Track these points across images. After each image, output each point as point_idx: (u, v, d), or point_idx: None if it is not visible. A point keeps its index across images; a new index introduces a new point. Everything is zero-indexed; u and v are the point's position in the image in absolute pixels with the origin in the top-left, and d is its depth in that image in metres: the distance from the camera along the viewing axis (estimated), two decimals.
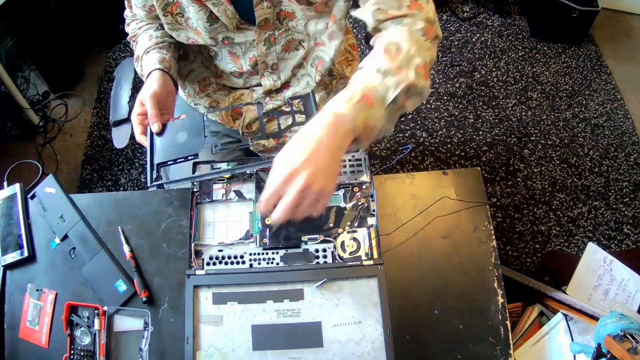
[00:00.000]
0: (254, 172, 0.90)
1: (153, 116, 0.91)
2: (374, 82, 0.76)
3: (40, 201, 0.95)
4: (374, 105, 0.75)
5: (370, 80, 0.76)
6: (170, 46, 1.03)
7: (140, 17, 1.03)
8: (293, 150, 0.71)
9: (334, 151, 0.71)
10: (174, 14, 0.92)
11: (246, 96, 1.13)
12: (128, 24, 1.10)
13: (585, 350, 0.84)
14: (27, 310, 0.88)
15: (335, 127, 0.72)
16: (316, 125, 0.72)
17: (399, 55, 0.78)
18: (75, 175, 2.09)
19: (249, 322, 0.82)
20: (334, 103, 0.74)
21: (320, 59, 1.06)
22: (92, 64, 2.39)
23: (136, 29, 1.07)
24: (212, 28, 0.93)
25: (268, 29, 0.96)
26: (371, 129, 0.75)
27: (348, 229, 0.87)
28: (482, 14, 2.47)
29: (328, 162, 0.71)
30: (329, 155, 0.71)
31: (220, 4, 0.87)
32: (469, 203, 0.91)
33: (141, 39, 1.04)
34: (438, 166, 2.02)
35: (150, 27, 1.05)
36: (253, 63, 1.03)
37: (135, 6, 0.99)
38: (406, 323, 0.83)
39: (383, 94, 0.76)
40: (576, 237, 1.86)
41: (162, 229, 0.91)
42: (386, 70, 0.77)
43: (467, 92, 2.22)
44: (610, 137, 2.09)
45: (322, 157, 0.70)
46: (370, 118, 0.74)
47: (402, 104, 0.79)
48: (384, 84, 0.76)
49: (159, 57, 0.99)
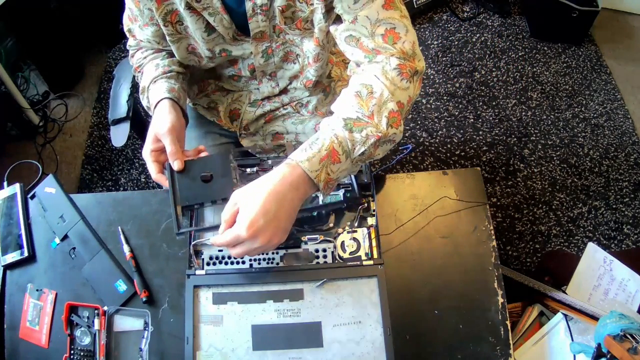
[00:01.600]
0: (254, 172, 0.90)
1: (174, 153, 0.84)
2: (341, 135, 0.74)
3: (40, 201, 0.95)
4: (340, 160, 0.74)
5: (338, 134, 0.74)
6: (178, 76, 0.98)
7: (146, 41, 0.99)
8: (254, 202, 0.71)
9: (295, 208, 0.74)
10: (174, 23, 0.91)
11: (244, 97, 1.13)
12: (132, 54, 1.05)
13: (585, 350, 0.84)
14: (27, 310, 0.88)
15: (299, 183, 0.73)
16: (281, 179, 0.72)
17: (370, 101, 0.76)
18: (75, 175, 2.09)
19: (249, 322, 0.82)
20: (299, 156, 0.73)
21: (308, 79, 1.05)
22: (92, 64, 2.39)
23: (141, 59, 1.01)
24: (209, 39, 0.92)
25: (265, 40, 0.95)
26: (334, 180, 0.76)
27: (348, 229, 0.87)
28: (482, 14, 2.47)
29: (289, 222, 0.74)
30: (290, 214, 0.73)
31: (216, 13, 0.87)
32: (469, 203, 0.91)
33: (147, 69, 0.99)
34: (438, 166, 2.02)
35: (156, 57, 1.00)
36: (251, 70, 1.03)
37: (140, 28, 0.96)
38: (406, 323, 0.83)
39: (350, 148, 0.74)
40: (576, 237, 1.86)
41: (162, 229, 0.91)
42: (355, 122, 0.74)
43: (467, 92, 2.22)
44: (610, 137, 2.09)
45: (285, 217, 0.72)
46: (335, 171, 0.74)
47: (370, 155, 0.77)
48: (352, 138, 0.74)
49: (168, 86, 0.93)
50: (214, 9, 0.86)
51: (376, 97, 0.75)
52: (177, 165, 0.84)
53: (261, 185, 0.73)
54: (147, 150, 0.88)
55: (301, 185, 0.73)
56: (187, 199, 0.84)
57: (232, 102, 1.14)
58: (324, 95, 1.15)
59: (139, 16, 0.93)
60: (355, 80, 0.79)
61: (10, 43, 2.19)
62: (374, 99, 0.75)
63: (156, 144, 0.87)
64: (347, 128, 0.74)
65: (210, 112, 1.18)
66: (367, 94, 0.76)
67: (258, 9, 0.87)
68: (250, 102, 1.13)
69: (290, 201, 0.72)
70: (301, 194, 0.74)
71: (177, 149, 0.85)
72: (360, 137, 0.74)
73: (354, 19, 0.79)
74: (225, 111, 1.16)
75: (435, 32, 2.40)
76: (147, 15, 0.91)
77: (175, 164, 0.84)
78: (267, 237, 0.71)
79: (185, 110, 0.94)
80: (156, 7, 0.87)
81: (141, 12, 0.91)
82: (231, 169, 0.85)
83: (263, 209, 0.71)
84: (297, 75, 1.05)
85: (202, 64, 1.00)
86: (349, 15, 0.79)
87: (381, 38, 0.78)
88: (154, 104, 0.92)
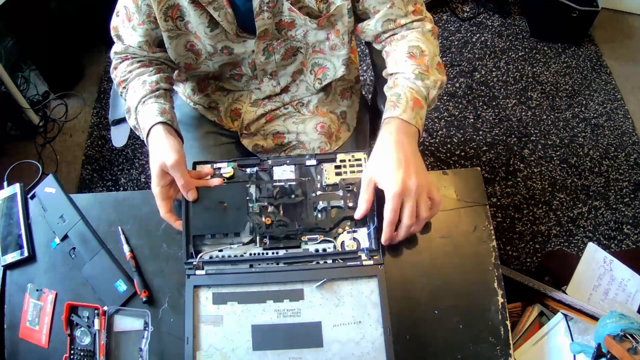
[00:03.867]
0: (254, 172, 0.90)
1: (187, 184, 0.83)
2: (416, 85, 0.86)
3: (40, 201, 0.95)
4: (423, 107, 0.85)
5: (413, 85, 0.86)
6: (166, 94, 0.94)
7: (136, 46, 0.96)
8: (386, 162, 0.78)
9: (415, 150, 0.81)
10: (174, 18, 0.90)
11: (245, 97, 1.13)
12: (115, 66, 1.00)
13: (585, 350, 0.84)
14: (27, 310, 0.88)
15: (407, 132, 0.82)
16: (393, 134, 0.81)
17: (424, 58, 0.89)
18: (75, 175, 2.09)
19: (249, 322, 0.82)
20: (393, 112, 0.83)
21: (320, 66, 1.05)
22: (92, 64, 2.39)
23: (126, 73, 0.97)
24: (212, 34, 0.92)
25: (266, 38, 0.95)
26: (423, 129, 0.85)
27: (348, 229, 0.87)
28: (482, 14, 2.47)
29: (420, 161, 0.81)
30: (416, 154, 0.81)
31: (221, 7, 0.87)
32: (469, 203, 0.91)
33: (133, 86, 0.94)
34: (438, 166, 2.02)
35: (143, 72, 0.96)
36: (252, 67, 1.03)
37: (133, 29, 0.94)
38: (406, 323, 0.83)
39: (426, 94, 0.86)
40: (576, 237, 1.86)
41: (162, 229, 0.91)
42: (421, 74, 0.87)
43: (467, 92, 2.22)
44: (610, 137, 2.09)
45: (413, 157, 0.79)
46: (422, 118, 0.85)
47: (434, 99, 0.89)
48: (425, 85, 0.86)
49: (159, 107, 0.89)
50: (219, 4, 0.86)
51: (427, 55, 0.89)
52: (191, 196, 0.84)
53: (380, 150, 0.80)
54: (157, 187, 0.83)
55: (409, 132, 0.82)
56: (199, 228, 0.84)
57: (232, 101, 1.14)
58: (325, 95, 1.15)
59: (135, 14, 0.91)
60: (402, 45, 0.91)
61: (10, 43, 2.19)
62: (426, 56, 0.89)
63: (164, 179, 0.84)
64: (419, 78, 0.86)
65: (211, 112, 1.18)
66: (419, 53, 0.89)
67: (265, 6, 0.87)
68: (251, 101, 1.13)
69: (409, 144, 0.81)
70: (413, 139, 0.82)
71: (188, 179, 0.83)
72: (430, 82, 0.87)
73: (391, 4, 0.91)
74: (226, 111, 1.16)
75: None
76: (144, 12, 0.90)
77: (190, 195, 0.83)
78: (415, 179, 0.76)
79: (179, 131, 0.91)
80: (158, 0, 0.87)
81: (139, 8, 0.90)
82: (247, 201, 0.85)
83: (396, 161, 0.78)
84: (300, 68, 1.05)
85: (199, 61, 1.00)
86: (385, 4, 0.91)
87: (412, 13, 0.94)
88: (146, 127, 0.88)
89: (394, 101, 0.84)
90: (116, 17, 0.97)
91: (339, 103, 1.19)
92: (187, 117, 1.20)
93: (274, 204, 0.87)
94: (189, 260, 0.83)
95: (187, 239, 0.84)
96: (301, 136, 1.15)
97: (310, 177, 0.89)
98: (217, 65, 1.02)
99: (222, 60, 1.00)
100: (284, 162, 0.90)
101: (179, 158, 0.82)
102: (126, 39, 0.97)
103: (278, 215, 0.86)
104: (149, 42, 0.96)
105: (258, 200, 0.87)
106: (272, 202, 0.87)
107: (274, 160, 0.90)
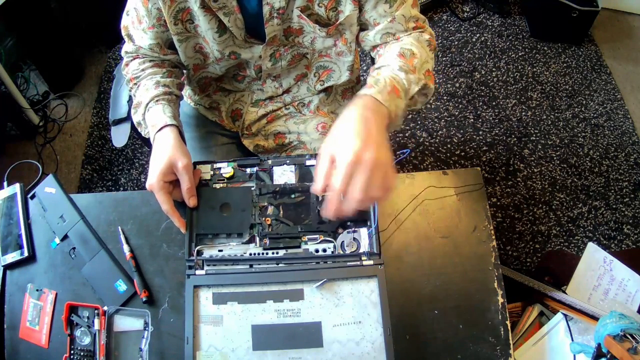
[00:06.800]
0: (254, 172, 0.90)
1: (191, 189, 0.84)
2: (399, 76, 0.83)
3: (40, 201, 0.95)
4: (400, 97, 0.81)
5: (395, 76, 0.83)
6: (176, 101, 0.95)
7: (147, 48, 0.96)
8: (345, 132, 0.72)
9: (382, 128, 0.75)
10: (184, 21, 0.90)
11: (246, 97, 1.13)
12: (127, 63, 1.00)
13: (585, 350, 0.84)
14: (27, 310, 0.88)
15: (376, 109, 0.76)
16: (359, 107, 0.75)
17: (413, 60, 0.86)
18: (75, 175, 2.09)
19: (249, 322, 0.82)
20: (369, 91, 0.78)
21: (325, 69, 1.06)
22: (92, 64, 2.39)
23: (138, 71, 0.97)
24: (220, 40, 0.92)
25: (274, 44, 0.95)
26: (395, 118, 0.80)
27: (348, 228, 0.87)
28: (482, 14, 2.47)
29: (383, 137, 0.73)
30: (381, 130, 0.74)
31: (231, 13, 0.87)
32: (469, 203, 0.91)
33: (145, 84, 0.94)
34: (438, 166, 2.02)
35: (156, 72, 0.96)
36: (257, 70, 1.03)
37: (143, 31, 0.94)
38: (406, 323, 0.83)
39: (407, 87, 0.83)
40: (576, 237, 1.86)
41: (162, 229, 0.91)
42: (406, 70, 0.84)
43: (467, 92, 2.22)
44: (610, 137, 2.09)
45: (376, 132, 0.72)
46: (398, 107, 0.80)
47: (414, 101, 0.86)
48: (408, 79, 0.83)
49: (171, 112, 0.89)
50: (229, 9, 0.86)
51: (417, 58, 0.87)
52: (192, 202, 0.85)
53: (345, 121, 0.74)
54: (160, 182, 0.82)
55: (378, 110, 0.76)
56: (203, 227, 0.85)
57: (234, 102, 1.15)
58: (326, 95, 1.15)
59: (145, 17, 0.91)
60: (395, 47, 0.90)
61: (10, 43, 2.19)
62: (416, 59, 0.87)
63: (168, 176, 0.83)
64: (402, 70, 0.84)
65: (212, 112, 1.18)
66: (410, 54, 0.87)
67: (275, 13, 0.87)
68: (252, 102, 1.13)
69: (375, 121, 0.74)
70: (381, 118, 0.76)
71: (194, 185, 0.85)
72: (414, 78, 0.84)
73: (392, 19, 0.90)
74: (227, 111, 1.16)
75: (435, 32, 2.40)
76: (154, 15, 0.90)
77: (191, 201, 0.84)
78: (371, 152, 0.68)
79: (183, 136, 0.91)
80: (169, 4, 0.87)
81: (149, 12, 0.90)
82: (251, 205, 0.86)
83: (355, 132, 0.71)
84: (305, 72, 1.05)
85: (207, 62, 1.00)
86: (386, 18, 0.90)
87: (412, 30, 0.93)
88: (157, 125, 0.87)
89: (371, 83, 0.80)
90: (126, 16, 0.97)
91: (340, 103, 1.19)
92: (187, 117, 1.20)
93: (274, 204, 0.87)
94: (191, 257, 0.84)
95: (191, 237, 0.85)
96: (302, 136, 1.15)
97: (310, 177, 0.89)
98: (224, 69, 1.02)
99: (229, 64, 1.00)
100: (284, 162, 0.90)
101: (189, 162, 0.84)
102: (137, 40, 0.97)
103: (278, 216, 0.86)
104: (160, 45, 0.96)
105: (258, 200, 0.87)
106: (272, 202, 0.87)
107: (274, 160, 0.90)
